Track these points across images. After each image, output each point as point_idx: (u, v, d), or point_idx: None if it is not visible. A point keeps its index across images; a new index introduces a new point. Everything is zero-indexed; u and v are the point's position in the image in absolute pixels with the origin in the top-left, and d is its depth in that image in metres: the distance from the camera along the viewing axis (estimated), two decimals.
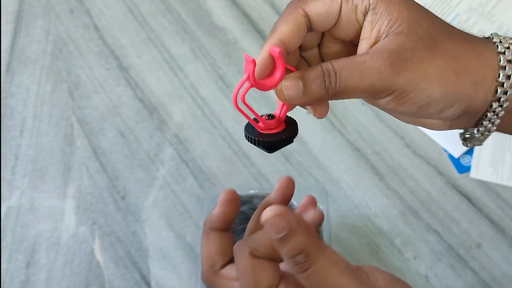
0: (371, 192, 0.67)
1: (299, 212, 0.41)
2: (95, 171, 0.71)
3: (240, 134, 0.72)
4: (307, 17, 0.32)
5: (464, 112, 0.32)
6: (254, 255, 0.31)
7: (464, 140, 0.36)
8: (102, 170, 0.71)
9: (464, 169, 0.69)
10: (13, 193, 0.70)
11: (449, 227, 0.64)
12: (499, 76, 0.31)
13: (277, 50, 0.32)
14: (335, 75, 0.29)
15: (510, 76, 0.31)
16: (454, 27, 0.32)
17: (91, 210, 0.68)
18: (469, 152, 0.70)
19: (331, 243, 0.63)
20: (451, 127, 0.34)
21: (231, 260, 0.36)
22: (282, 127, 0.35)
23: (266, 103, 0.76)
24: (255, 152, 0.71)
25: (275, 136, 0.33)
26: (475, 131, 0.34)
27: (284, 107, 0.34)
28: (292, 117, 0.36)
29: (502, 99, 0.31)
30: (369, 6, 0.31)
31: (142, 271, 0.63)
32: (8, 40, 0.84)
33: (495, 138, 0.71)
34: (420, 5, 0.31)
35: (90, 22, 0.86)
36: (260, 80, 0.33)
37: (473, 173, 0.68)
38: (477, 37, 0.33)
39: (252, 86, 0.32)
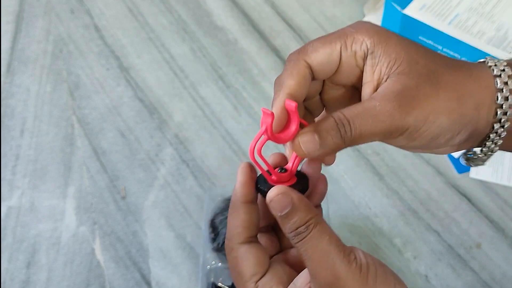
0: (371, 192, 0.67)
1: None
2: (95, 171, 0.71)
3: (240, 134, 0.73)
4: (309, 67, 0.33)
5: (470, 136, 0.33)
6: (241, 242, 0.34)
7: (467, 160, 0.37)
8: (103, 170, 0.71)
9: (463, 169, 0.69)
10: (14, 193, 0.70)
11: (449, 227, 0.64)
12: (497, 99, 0.32)
13: (293, 104, 0.32)
14: (349, 124, 0.30)
15: (508, 97, 0.32)
16: (448, 57, 0.34)
17: (91, 210, 0.68)
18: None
19: None
20: (457, 150, 0.35)
21: (252, 237, 0.37)
22: (293, 180, 0.36)
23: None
24: None
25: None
26: (479, 152, 0.35)
27: (296, 161, 0.35)
28: (302, 171, 0.37)
29: (502, 120, 0.32)
30: (367, 51, 0.32)
31: (142, 271, 0.63)
32: (9, 40, 0.84)
33: None
34: (415, 42, 0.33)
35: (91, 22, 0.86)
36: (277, 134, 0.34)
37: (472, 173, 0.68)
38: (472, 63, 0.35)
39: (269, 139, 0.33)
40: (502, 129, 0.33)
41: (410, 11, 0.77)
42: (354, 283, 0.32)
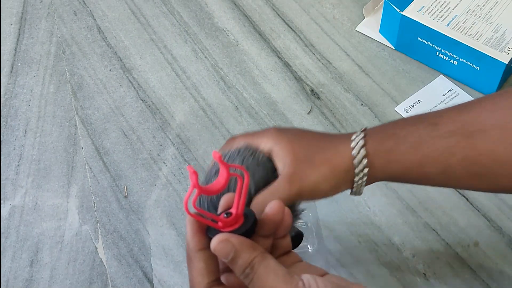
0: (370, 191, 0.68)
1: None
2: (98, 171, 0.72)
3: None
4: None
5: (345, 187, 0.46)
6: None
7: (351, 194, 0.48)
8: (105, 169, 0.72)
9: None
10: (17, 192, 0.71)
11: (447, 225, 0.65)
12: (354, 158, 0.44)
13: (217, 155, 0.35)
14: (262, 201, 0.41)
15: (360, 161, 0.44)
16: (322, 137, 0.47)
17: (94, 209, 0.69)
18: None
19: (323, 241, 0.64)
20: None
21: (214, 281, 0.38)
22: (241, 221, 0.37)
23: (254, 85, 0.77)
24: None
25: (235, 232, 0.36)
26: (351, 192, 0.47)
27: (241, 202, 0.37)
28: (250, 209, 0.39)
29: (362, 173, 0.45)
30: (269, 150, 0.46)
31: (144, 269, 0.64)
32: (12, 42, 0.85)
33: None
34: (290, 135, 0.46)
35: (93, 24, 0.87)
36: (207, 186, 0.37)
37: None
38: (337, 135, 0.48)
39: (200, 192, 0.36)
40: (363, 179, 0.45)
41: (409, 12, 0.78)
42: None
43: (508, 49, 0.73)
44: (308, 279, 0.34)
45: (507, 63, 0.72)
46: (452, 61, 0.77)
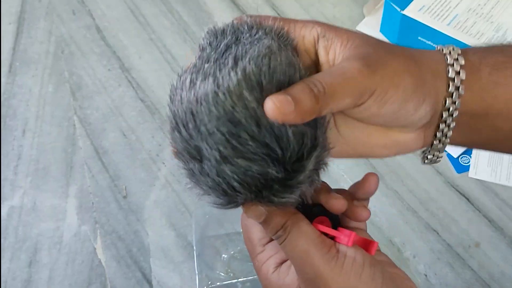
0: None
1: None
2: (97, 171, 0.71)
3: None
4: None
5: (432, 110, 0.32)
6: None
7: (424, 158, 0.38)
8: (104, 169, 0.72)
9: (462, 168, 0.69)
10: (16, 192, 0.70)
11: (448, 226, 0.65)
12: (448, 87, 0.32)
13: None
14: (320, 83, 0.28)
15: (459, 87, 0.32)
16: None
17: (93, 210, 0.68)
18: (468, 152, 0.71)
19: None
20: (424, 139, 0.35)
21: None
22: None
23: None
24: None
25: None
26: (430, 148, 0.36)
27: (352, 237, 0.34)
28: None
29: (451, 109, 0.32)
30: (317, 35, 0.32)
31: (143, 270, 0.64)
32: (10, 41, 0.85)
33: None
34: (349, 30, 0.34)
35: (92, 23, 0.87)
36: None
37: (471, 173, 0.69)
38: (425, 50, 0.34)
39: None
40: (451, 118, 0.33)
41: (409, 12, 0.77)
42: (334, 281, 0.32)
43: None
44: (345, 249, 0.33)
45: None
46: None
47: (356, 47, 0.31)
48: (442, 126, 0.33)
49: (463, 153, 0.70)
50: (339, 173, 0.69)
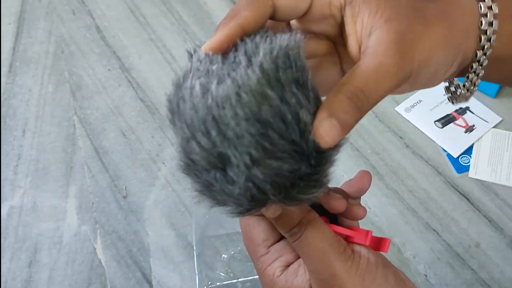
0: (371, 191, 0.67)
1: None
2: (97, 171, 0.71)
3: None
4: (273, 7, 0.30)
5: (459, 66, 0.32)
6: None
7: (452, 96, 0.37)
8: (104, 169, 0.71)
9: (462, 168, 0.69)
10: (16, 192, 0.70)
11: (448, 226, 0.65)
12: (481, 24, 0.31)
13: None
14: (363, 93, 0.28)
15: (492, 23, 0.31)
16: None
17: (93, 210, 0.68)
18: (468, 152, 0.71)
19: None
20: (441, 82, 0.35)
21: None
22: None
23: None
24: None
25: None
26: (461, 88, 0.35)
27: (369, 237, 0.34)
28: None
29: (485, 47, 0.31)
30: (344, 2, 0.31)
31: (143, 270, 0.64)
32: (11, 41, 0.85)
33: (494, 138, 0.72)
34: None
35: (92, 23, 0.87)
36: None
37: (471, 173, 0.69)
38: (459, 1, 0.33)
39: None
40: (484, 57, 0.32)
41: None
42: (350, 281, 0.31)
43: None
44: (359, 248, 0.33)
45: None
46: None
47: (387, 21, 0.29)
48: (471, 76, 0.33)
49: (463, 153, 0.70)
50: (339, 173, 0.69)
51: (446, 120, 0.73)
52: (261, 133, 0.26)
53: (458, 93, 0.35)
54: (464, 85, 0.34)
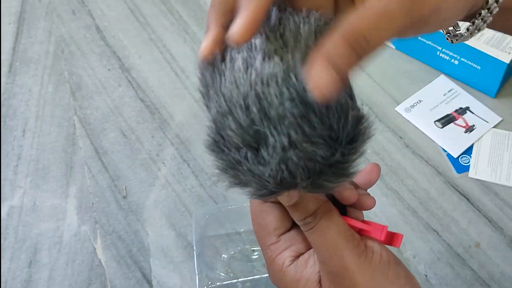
0: (370, 191, 0.67)
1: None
2: (97, 171, 0.71)
3: None
4: None
5: (467, 13, 0.31)
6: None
7: (453, 37, 0.35)
8: (104, 169, 0.71)
9: (462, 168, 0.69)
10: (16, 192, 0.70)
11: (448, 226, 0.65)
12: None
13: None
14: (364, 38, 0.25)
15: None
16: None
17: (93, 210, 0.68)
18: (468, 152, 0.71)
19: None
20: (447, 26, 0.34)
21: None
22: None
23: None
24: None
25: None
26: (464, 31, 0.33)
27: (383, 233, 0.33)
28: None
29: (491, 7, 0.31)
30: None
31: (143, 270, 0.64)
32: (11, 41, 0.85)
33: (494, 138, 0.71)
34: None
35: (92, 23, 0.87)
36: None
37: (471, 173, 0.69)
38: None
39: None
40: (495, 5, 0.31)
41: None
42: (362, 276, 0.31)
43: (509, 48, 0.72)
44: (372, 244, 0.32)
45: (508, 62, 0.71)
46: (453, 60, 0.76)
47: None
48: (478, 22, 0.32)
49: (463, 153, 0.70)
50: None
51: (446, 120, 0.73)
52: (303, 116, 0.25)
53: (458, 34, 0.34)
54: (468, 29, 0.33)
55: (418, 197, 0.67)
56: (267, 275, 0.36)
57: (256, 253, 0.63)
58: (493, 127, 0.73)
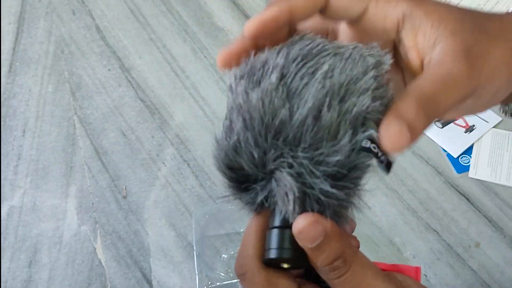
0: (371, 191, 0.68)
1: None
2: (97, 171, 0.71)
3: None
4: (326, 1, 0.29)
5: None
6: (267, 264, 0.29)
7: (506, 112, 0.36)
8: (104, 169, 0.71)
9: (462, 168, 0.69)
10: (16, 192, 0.70)
11: (448, 226, 0.65)
12: None
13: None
14: (434, 101, 0.26)
15: None
16: (477, 10, 0.32)
17: (92, 210, 0.68)
18: (468, 152, 0.70)
19: None
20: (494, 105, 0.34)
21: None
22: None
23: None
24: None
25: None
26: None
27: None
28: None
29: None
30: (402, 16, 0.29)
31: (143, 270, 0.64)
32: (11, 41, 0.85)
33: (494, 138, 0.71)
34: (445, 3, 0.31)
35: (92, 23, 0.86)
36: None
37: (471, 173, 0.69)
38: (503, 13, 0.32)
39: None
40: None
41: None
42: None
43: None
44: (404, 279, 0.30)
45: None
46: None
47: (453, 32, 0.28)
48: None
49: (463, 153, 0.70)
50: None
51: (446, 120, 0.73)
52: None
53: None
54: None
55: (418, 197, 0.67)
56: None
57: None
58: (493, 127, 0.73)
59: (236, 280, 0.61)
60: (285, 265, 0.28)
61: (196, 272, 0.62)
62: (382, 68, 0.28)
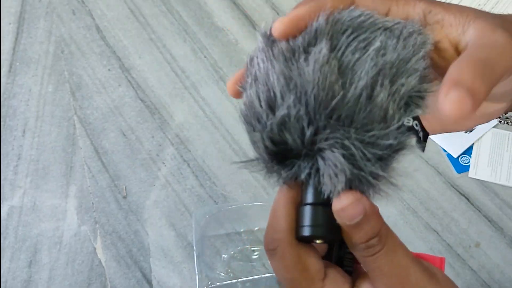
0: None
1: None
2: (97, 171, 0.71)
3: (241, 134, 0.73)
4: (352, 3, 0.30)
5: None
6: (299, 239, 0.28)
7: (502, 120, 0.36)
8: (104, 169, 0.71)
9: (462, 168, 0.69)
10: (16, 192, 0.70)
11: (448, 226, 0.65)
12: None
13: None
14: (487, 63, 0.25)
15: None
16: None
17: (92, 210, 0.68)
18: (468, 152, 0.70)
19: None
20: (508, 107, 0.34)
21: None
22: None
23: None
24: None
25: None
26: None
27: None
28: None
29: None
30: (423, 14, 0.30)
31: (143, 270, 0.64)
32: (11, 41, 0.85)
33: (494, 138, 0.71)
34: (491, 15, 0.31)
35: (92, 23, 0.86)
36: None
37: (471, 173, 0.69)
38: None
39: None
40: None
41: None
42: None
43: None
44: (430, 265, 0.30)
45: None
46: None
47: (477, 17, 0.29)
48: None
49: (463, 153, 0.70)
50: None
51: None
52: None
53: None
54: None
55: (418, 197, 0.67)
56: (267, 275, 0.33)
57: (256, 253, 0.63)
58: (493, 127, 0.73)
59: (236, 280, 0.61)
60: (318, 241, 0.28)
61: (196, 272, 0.62)
62: (428, 48, 0.28)
